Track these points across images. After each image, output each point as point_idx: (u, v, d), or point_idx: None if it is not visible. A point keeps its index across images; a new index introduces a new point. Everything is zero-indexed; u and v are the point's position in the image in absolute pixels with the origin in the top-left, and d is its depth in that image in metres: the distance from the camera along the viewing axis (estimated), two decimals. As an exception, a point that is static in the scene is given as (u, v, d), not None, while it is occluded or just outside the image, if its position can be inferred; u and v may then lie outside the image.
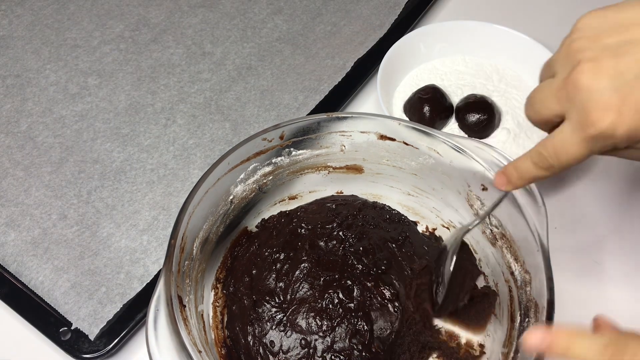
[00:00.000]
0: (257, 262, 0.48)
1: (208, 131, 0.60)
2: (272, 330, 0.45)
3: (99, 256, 0.51)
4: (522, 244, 0.43)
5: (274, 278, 0.47)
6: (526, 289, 0.42)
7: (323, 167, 0.52)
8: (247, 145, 0.46)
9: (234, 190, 0.48)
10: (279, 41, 0.68)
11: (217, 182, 0.45)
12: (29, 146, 0.58)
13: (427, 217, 0.53)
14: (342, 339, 0.44)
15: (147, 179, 0.56)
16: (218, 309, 0.48)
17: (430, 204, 0.52)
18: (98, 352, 0.46)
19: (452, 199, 0.49)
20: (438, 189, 0.50)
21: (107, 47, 0.66)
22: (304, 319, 0.45)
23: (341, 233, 0.49)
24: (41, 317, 0.48)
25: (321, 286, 0.46)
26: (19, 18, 0.69)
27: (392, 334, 0.45)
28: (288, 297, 0.46)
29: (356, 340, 0.44)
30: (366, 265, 0.47)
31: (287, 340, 0.45)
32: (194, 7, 0.71)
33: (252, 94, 0.63)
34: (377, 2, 0.72)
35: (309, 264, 0.47)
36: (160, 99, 0.62)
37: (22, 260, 0.51)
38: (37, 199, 0.54)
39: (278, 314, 0.45)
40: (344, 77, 0.64)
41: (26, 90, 0.62)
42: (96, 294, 0.49)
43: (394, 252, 0.49)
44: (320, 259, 0.48)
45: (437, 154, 0.47)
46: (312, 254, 0.48)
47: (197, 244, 0.44)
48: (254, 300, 0.46)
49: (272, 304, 0.46)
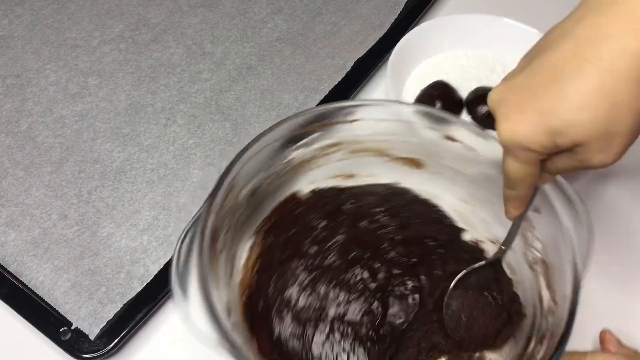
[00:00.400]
0: (299, 224, 0.50)
1: (208, 131, 0.60)
2: (293, 287, 0.47)
3: (99, 256, 0.51)
4: (557, 272, 0.41)
5: (309, 241, 0.49)
6: (548, 317, 0.41)
7: (385, 153, 0.52)
8: (314, 114, 0.46)
9: (293, 154, 0.48)
10: (279, 41, 0.68)
11: (279, 140, 0.46)
12: (29, 146, 0.58)
13: (476, 228, 0.51)
14: (354, 313, 0.46)
15: (147, 178, 0.56)
16: (254, 255, 0.49)
17: (482, 215, 0.51)
18: (98, 352, 0.46)
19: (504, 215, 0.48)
20: (493, 202, 0.48)
21: (107, 47, 0.66)
22: (325, 284, 0.47)
23: (385, 219, 0.50)
24: (41, 317, 0.48)
25: (350, 260, 0.48)
26: (19, 18, 0.69)
27: (404, 323, 0.46)
28: (317, 262, 0.48)
29: (367, 318, 0.46)
30: (399, 253, 0.48)
31: (304, 299, 0.47)
32: (194, 7, 0.71)
33: (252, 93, 0.63)
34: (377, 2, 0.72)
35: (345, 238, 0.49)
36: (161, 99, 0.62)
37: (22, 260, 0.51)
38: (37, 199, 0.54)
39: (303, 274, 0.47)
40: (344, 77, 0.64)
41: (26, 90, 0.62)
42: (96, 294, 0.49)
43: (430, 249, 0.49)
44: (356, 236, 0.49)
45: (499, 166, 0.46)
46: (351, 229, 0.49)
47: (246, 191, 0.46)
48: (287, 256, 0.48)
49: (301, 263, 0.48)
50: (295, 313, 0.46)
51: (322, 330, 0.45)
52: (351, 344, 0.45)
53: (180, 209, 0.54)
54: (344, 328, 0.45)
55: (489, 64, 0.64)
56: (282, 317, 0.46)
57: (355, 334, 0.45)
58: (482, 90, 0.59)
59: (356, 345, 0.45)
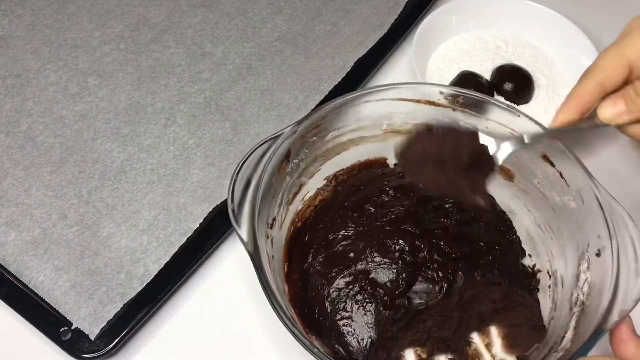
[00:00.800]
0: (370, 185, 0.53)
1: (208, 131, 0.60)
2: (339, 233, 0.50)
3: (99, 256, 0.51)
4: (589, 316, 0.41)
5: (371, 203, 0.51)
6: (560, 353, 0.42)
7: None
8: (423, 88, 0.49)
9: (392, 120, 0.51)
10: (279, 41, 0.68)
11: (380, 101, 0.49)
12: (29, 146, 0.58)
13: (541, 257, 0.51)
14: (380, 275, 0.47)
15: (147, 178, 0.56)
16: (320, 197, 0.54)
17: (550, 246, 0.50)
18: (98, 352, 0.46)
19: (570, 251, 0.47)
20: (564, 236, 0.48)
21: (107, 47, 0.66)
22: (365, 242, 0.49)
23: (451, 209, 0.51)
24: (41, 317, 0.48)
25: (398, 230, 0.49)
26: (19, 18, 0.69)
27: (422, 304, 0.46)
28: (370, 220, 0.50)
29: (390, 285, 0.47)
30: (447, 243, 0.48)
31: (343, 246, 0.49)
32: (194, 7, 0.71)
33: (252, 93, 0.63)
34: (377, 2, 0.72)
35: (405, 211, 0.50)
36: (160, 99, 0.62)
37: (22, 260, 0.51)
38: (37, 199, 0.54)
39: (352, 226, 0.50)
40: (344, 77, 0.64)
41: (26, 90, 0.62)
42: (96, 294, 0.49)
43: (480, 253, 0.49)
44: (416, 214, 0.50)
45: (581, 200, 0.45)
46: (413, 206, 0.51)
47: (333, 135, 0.50)
48: (345, 205, 0.52)
49: (355, 216, 0.50)
50: (330, 254, 0.49)
51: (345, 277, 0.47)
52: (364, 299, 0.46)
53: (180, 209, 0.54)
54: (365, 283, 0.47)
55: (490, 42, 0.66)
56: (318, 253, 0.49)
57: (372, 292, 0.46)
58: (502, 69, 0.61)
59: (369, 302, 0.46)
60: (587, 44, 0.62)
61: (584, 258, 0.45)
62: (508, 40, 0.66)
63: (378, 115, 0.51)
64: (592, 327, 0.39)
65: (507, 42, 0.66)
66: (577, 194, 0.46)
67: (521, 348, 0.47)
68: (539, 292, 0.50)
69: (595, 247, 0.44)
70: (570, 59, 0.64)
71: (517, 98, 0.60)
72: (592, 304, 0.42)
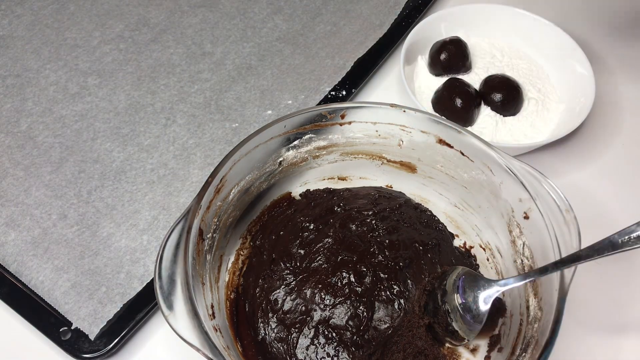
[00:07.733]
0: (288, 226, 0.50)
1: (208, 131, 0.60)
2: (280, 290, 0.47)
3: (99, 256, 0.51)
4: (545, 279, 0.42)
5: (297, 244, 0.49)
6: (534, 325, 0.41)
7: (378, 156, 0.52)
8: (307, 115, 0.47)
9: (285, 154, 0.49)
10: (279, 41, 0.68)
11: (270, 140, 0.47)
12: (29, 146, 0.58)
13: (468, 234, 0.52)
14: (339, 317, 0.46)
15: (147, 178, 0.56)
16: (241, 257, 0.50)
17: (473, 220, 0.51)
18: (98, 352, 0.46)
19: (495, 221, 0.49)
20: (484, 208, 0.49)
21: (107, 47, 0.66)
22: (311, 288, 0.47)
23: (374, 222, 0.50)
24: (41, 317, 0.48)
25: (337, 263, 0.48)
26: (19, 18, 0.69)
27: (389, 328, 0.45)
28: (304, 265, 0.48)
29: (353, 323, 0.45)
30: (386, 257, 0.48)
31: (290, 302, 0.46)
32: (194, 7, 0.71)
33: (252, 93, 0.63)
34: (377, 2, 0.72)
35: (333, 241, 0.49)
36: (160, 99, 0.62)
37: (22, 260, 0.51)
38: (37, 199, 0.54)
39: (289, 277, 0.48)
40: (344, 77, 0.64)
41: (26, 90, 0.62)
42: (96, 294, 0.49)
43: (418, 254, 0.49)
44: (345, 239, 0.49)
45: (490, 171, 0.46)
46: (339, 232, 0.49)
47: (236, 191, 0.47)
48: (273, 258, 0.49)
49: (288, 266, 0.48)
50: (281, 316, 0.46)
51: (307, 334, 0.45)
52: (335, 349, 0.44)
53: (180, 208, 0.54)
54: (328, 332, 0.45)
55: (486, 51, 0.65)
56: (267, 320, 0.46)
57: (340, 338, 0.45)
58: (492, 79, 0.60)
59: (340, 350, 0.44)
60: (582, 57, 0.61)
61: (512, 224, 0.46)
62: (504, 51, 0.66)
63: (271, 154, 0.49)
64: (555, 289, 0.39)
65: (503, 52, 0.65)
66: (483, 166, 0.47)
67: (489, 328, 0.47)
68: (479, 267, 0.51)
69: (520, 210, 0.45)
70: (564, 72, 0.63)
71: (504, 109, 0.59)
72: (540, 265, 0.43)
